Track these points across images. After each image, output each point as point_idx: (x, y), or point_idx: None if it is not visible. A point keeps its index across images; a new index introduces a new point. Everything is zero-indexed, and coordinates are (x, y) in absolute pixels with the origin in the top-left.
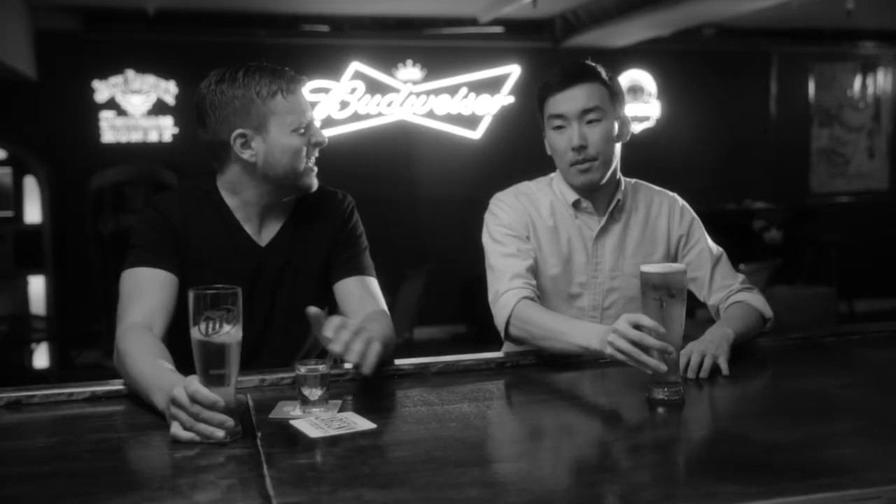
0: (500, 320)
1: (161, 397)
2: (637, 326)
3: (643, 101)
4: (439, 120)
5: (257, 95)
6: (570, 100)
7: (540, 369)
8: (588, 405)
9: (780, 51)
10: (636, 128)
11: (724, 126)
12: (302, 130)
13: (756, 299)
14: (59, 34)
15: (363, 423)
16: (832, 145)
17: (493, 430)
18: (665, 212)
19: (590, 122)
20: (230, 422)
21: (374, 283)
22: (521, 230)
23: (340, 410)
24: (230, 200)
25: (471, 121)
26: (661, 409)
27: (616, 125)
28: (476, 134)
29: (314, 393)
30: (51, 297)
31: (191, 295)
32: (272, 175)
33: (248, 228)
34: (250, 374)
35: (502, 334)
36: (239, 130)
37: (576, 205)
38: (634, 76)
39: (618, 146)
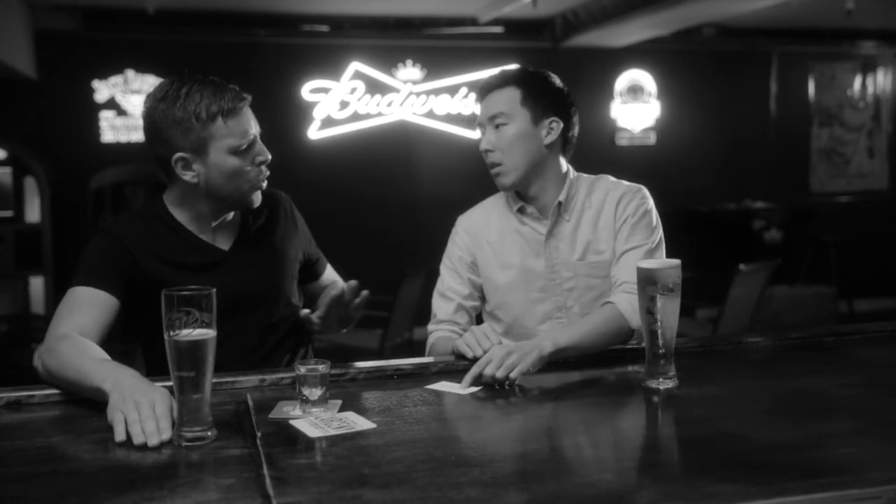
0: (427, 350)
1: (110, 384)
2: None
3: (643, 101)
4: (439, 120)
5: (196, 119)
6: (484, 107)
7: (539, 369)
8: (587, 405)
9: (780, 51)
10: (636, 128)
11: (724, 126)
12: (243, 149)
13: (626, 303)
14: (58, 34)
15: (363, 423)
16: (832, 145)
17: (493, 429)
18: (614, 199)
19: (497, 126)
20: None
21: (329, 266)
22: (465, 258)
23: (340, 410)
24: (180, 216)
25: (471, 121)
26: (658, 409)
27: (531, 128)
28: (476, 134)
29: (314, 393)
30: (51, 297)
31: (163, 296)
32: (215, 195)
33: (206, 238)
34: (250, 373)
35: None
36: (179, 154)
37: (521, 211)
38: (634, 76)
39: (539, 149)
